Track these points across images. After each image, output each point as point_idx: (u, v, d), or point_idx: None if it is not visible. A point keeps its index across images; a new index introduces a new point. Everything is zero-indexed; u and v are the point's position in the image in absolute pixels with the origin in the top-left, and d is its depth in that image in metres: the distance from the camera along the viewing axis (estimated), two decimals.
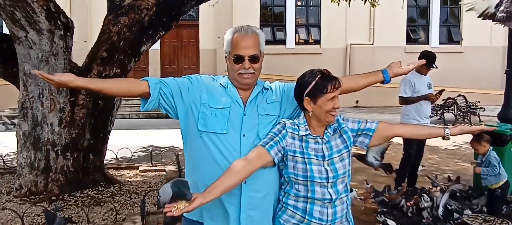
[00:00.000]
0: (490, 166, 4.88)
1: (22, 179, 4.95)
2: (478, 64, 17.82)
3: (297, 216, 2.41)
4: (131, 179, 5.80)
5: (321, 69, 2.37)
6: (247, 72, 2.34)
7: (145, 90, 2.33)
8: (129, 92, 2.46)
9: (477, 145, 4.96)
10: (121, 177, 5.84)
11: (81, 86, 2.43)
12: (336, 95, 2.31)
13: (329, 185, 2.35)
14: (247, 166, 2.23)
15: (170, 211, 2.01)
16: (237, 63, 2.33)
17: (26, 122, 4.95)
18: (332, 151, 2.38)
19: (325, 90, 2.28)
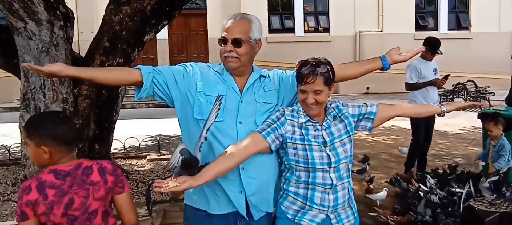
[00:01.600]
0: (502, 150, 4.84)
1: (27, 170, 4.95)
2: (487, 49, 17.89)
3: (298, 203, 2.39)
4: (138, 168, 5.81)
5: (319, 58, 2.34)
6: (230, 55, 2.33)
7: (137, 79, 2.31)
8: (121, 81, 2.48)
9: (493, 127, 5.01)
10: (129, 167, 5.86)
11: (71, 75, 2.41)
12: (307, 90, 2.27)
13: (331, 170, 2.33)
14: (241, 151, 2.21)
15: (159, 187, 2.01)
16: (220, 44, 2.34)
17: (28, 113, 4.92)
18: (333, 136, 2.37)
19: (300, 81, 2.29)
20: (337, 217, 2.42)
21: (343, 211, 2.44)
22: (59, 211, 2.11)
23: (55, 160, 2.16)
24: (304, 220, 2.39)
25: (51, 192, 2.10)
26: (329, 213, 2.39)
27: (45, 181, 2.11)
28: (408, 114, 2.93)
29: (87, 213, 2.19)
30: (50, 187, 2.10)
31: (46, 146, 2.12)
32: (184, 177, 2.08)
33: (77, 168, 2.20)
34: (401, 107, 2.78)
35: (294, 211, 2.41)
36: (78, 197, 2.15)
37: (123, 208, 2.34)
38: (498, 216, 3.15)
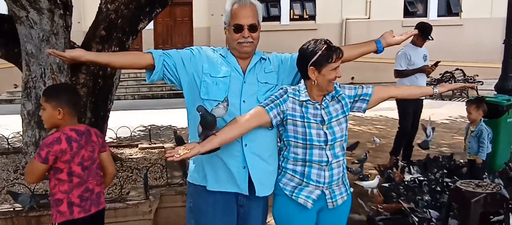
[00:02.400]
0: (481, 136, 5.00)
1: (28, 157, 5.10)
2: (478, 36, 17.49)
3: (295, 179, 2.59)
4: (131, 156, 5.97)
5: (325, 39, 2.54)
6: (246, 41, 2.50)
7: (150, 63, 2.50)
8: (135, 64, 2.63)
9: (474, 110, 5.06)
10: (122, 155, 6.00)
11: (91, 60, 2.59)
12: (338, 65, 2.49)
13: (327, 148, 2.53)
14: (244, 123, 2.40)
15: (172, 156, 2.21)
16: (236, 32, 2.49)
17: (29, 101, 5.07)
18: (331, 115, 2.56)
19: (330, 60, 2.46)
20: (331, 193, 2.62)
21: (337, 187, 2.64)
22: (77, 160, 2.72)
23: (66, 122, 2.70)
24: (301, 196, 2.58)
25: (74, 145, 2.69)
26: (324, 189, 2.59)
27: (71, 136, 2.68)
28: (402, 95, 3.06)
29: (94, 164, 2.84)
30: (74, 141, 2.69)
31: (62, 108, 2.66)
32: (193, 144, 2.29)
33: (86, 129, 2.82)
34: (395, 89, 2.96)
35: (291, 188, 2.60)
36: (87, 151, 2.78)
37: (107, 161, 2.98)
38: (484, 197, 3.30)
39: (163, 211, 4.23)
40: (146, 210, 3.96)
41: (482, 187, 3.41)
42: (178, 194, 4.27)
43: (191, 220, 2.72)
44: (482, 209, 3.35)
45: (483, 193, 3.31)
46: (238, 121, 2.41)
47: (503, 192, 3.65)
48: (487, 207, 3.36)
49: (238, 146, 2.49)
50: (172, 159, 2.22)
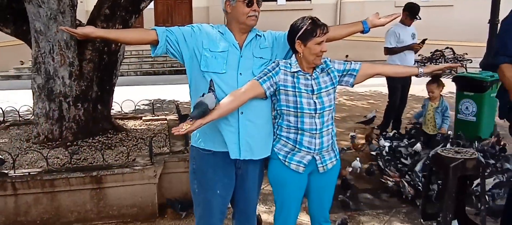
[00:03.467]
0: (446, 111, 5.37)
1: (39, 127, 5.40)
2: (467, 17, 17.76)
3: (289, 145, 2.86)
4: (136, 127, 6.27)
5: (311, 16, 2.77)
6: (254, 15, 2.73)
7: (154, 38, 2.76)
8: (141, 40, 2.87)
9: (435, 88, 5.47)
10: (127, 126, 6.30)
11: (101, 36, 2.85)
12: (323, 40, 2.72)
13: (316, 116, 2.78)
14: (241, 95, 2.66)
15: (178, 130, 2.47)
16: (249, 6, 2.72)
17: (39, 75, 5.35)
18: (320, 86, 2.80)
19: (315, 34, 2.69)
20: (321, 158, 2.89)
21: (327, 153, 2.91)
22: None
23: None
24: (293, 162, 2.86)
25: None
26: (315, 155, 2.86)
27: None
28: (388, 72, 3.25)
29: None
30: None
31: None
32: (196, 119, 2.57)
33: None
34: (381, 67, 3.13)
35: (285, 153, 2.87)
36: None
37: None
38: (462, 162, 3.52)
39: (167, 176, 4.54)
40: (151, 174, 4.27)
41: (460, 153, 3.66)
42: (180, 160, 4.56)
43: (194, 180, 3.02)
44: (460, 173, 3.59)
45: (461, 159, 3.55)
46: (235, 94, 2.67)
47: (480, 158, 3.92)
48: (464, 171, 3.59)
49: (235, 114, 2.76)
50: (178, 133, 2.48)
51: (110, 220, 4.31)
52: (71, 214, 4.24)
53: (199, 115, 2.52)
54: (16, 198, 4.12)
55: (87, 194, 4.23)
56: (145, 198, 4.34)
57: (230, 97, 2.66)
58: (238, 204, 3.12)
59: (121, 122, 6.50)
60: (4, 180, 4.04)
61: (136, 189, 4.29)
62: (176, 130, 2.49)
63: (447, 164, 3.58)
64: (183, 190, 4.65)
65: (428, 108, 5.59)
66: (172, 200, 4.43)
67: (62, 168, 4.35)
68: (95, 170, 4.23)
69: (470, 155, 3.61)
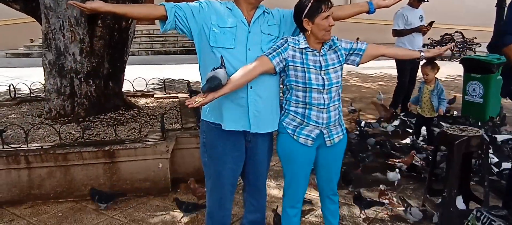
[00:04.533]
0: (442, 94, 5.40)
1: (51, 103, 5.47)
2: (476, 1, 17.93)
3: (297, 120, 2.89)
4: (147, 105, 6.32)
5: None
6: None
7: (162, 14, 2.77)
8: (149, 15, 2.88)
9: (429, 71, 5.46)
10: (138, 103, 6.36)
11: (109, 11, 2.83)
12: (329, 14, 2.75)
13: (324, 92, 2.81)
14: (251, 71, 2.68)
15: (191, 103, 2.50)
16: None
17: (50, 51, 5.39)
18: (328, 63, 2.83)
19: (320, 10, 2.72)
20: (329, 132, 2.93)
21: (334, 127, 2.94)
22: None
23: None
24: (301, 136, 2.89)
25: None
26: (323, 129, 2.89)
27: None
28: (390, 54, 3.25)
29: None
30: None
31: None
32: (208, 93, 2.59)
33: None
34: (385, 48, 3.15)
35: (293, 127, 2.90)
36: None
37: None
38: (466, 139, 3.57)
39: (179, 152, 4.59)
40: (164, 149, 4.32)
41: (465, 131, 3.71)
42: (192, 136, 4.61)
43: (205, 154, 3.06)
44: (465, 150, 3.64)
45: (465, 136, 3.60)
46: (245, 69, 2.69)
47: (484, 136, 3.94)
48: (468, 148, 3.65)
49: (244, 88, 2.78)
50: (192, 106, 2.51)
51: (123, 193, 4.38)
52: (84, 187, 4.31)
53: (212, 88, 2.55)
54: (29, 171, 4.19)
55: (100, 168, 4.29)
56: (157, 173, 4.40)
57: (241, 72, 2.69)
58: (249, 177, 3.16)
59: (133, 99, 6.56)
60: (17, 153, 4.11)
61: (148, 163, 4.35)
62: (189, 102, 2.53)
63: (452, 141, 3.62)
64: (195, 165, 4.71)
65: (424, 91, 5.59)
66: (95, 190, 4.21)
67: (75, 142, 4.42)
68: (107, 144, 4.28)
69: (474, 133, 3.65)
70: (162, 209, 4.18)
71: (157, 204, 4.28)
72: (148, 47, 17.14)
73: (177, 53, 16.64)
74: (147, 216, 4.02)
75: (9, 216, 4.03)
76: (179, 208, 3.93)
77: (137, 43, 16.30)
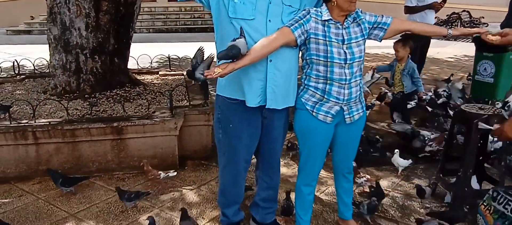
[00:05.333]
0: (414, 73, 5.32)
1: (57, 79, 5.38)
2: None
3: (317, 95, 2.81)
4: (153, 82, 6.24)
5: None
6: None
7: None
8: None
9: (400, 47, 5.37)
10: (144, 80, 6.27)
11: None
12: None
13: (346, 66, 2.71)
14: (272, 42, 2.59)
15: (210, 74, 2.42)
16: None
17: (55, 26, 5.29)
18: (351, 36, 2.73)
19: None
20: (349, 109, 2.85)
21: (354, 104, 2.87)
22: None
23: None
24: (321, 112, 2.81)
25: None
26: (343, 105, 2.81)
27: None
28: (417, 30, 3.08)
29: None
30: None
31: None
32: (226, 64, 2.50)
33: None
34: (411, 24, 3.08)
35: (312, 103, 2.82)
36: None
37: None
38: (485, 118, 3.45)
39: (187, 129, 4.53)
40: (172, 126, 4.26)
41: (484, 110, 3.61)
42: (200, 113, 4.54)
43: (219, 130, 3.00)
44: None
45: (485, 114, 3.51)
46: (266, 40, 2.60)
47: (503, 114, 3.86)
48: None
49: (263, 61, 2.70)
50: (211, 77, 2.44)
51: (131, 170, 4.33)
52: (92, 163, 4.26)
53: (229, 56, 2.46)
54: (37, 147, 4.13)
55: (108, 144, 4.23)
56: (165, 150, 4.34)
57: (262, 43, 2.60)
58: (263, 153, 3.11)
59: (138, 76, 6.47)
60: (25, 129, 4.04)
61: (156, 140, 4.29)
62: (208, 73, 2.45)
63: (470, 119, 3.53)
64: (202, 143, 4.66)
65: (396, 69, 5.51)
66: (54, 171, 4.01)
67: (82, 119, 4.35)
68: (115, 121, 4.22)
69: (493, 111, 3.56)
70: (170, 186, 4.14)
71: (165, 181, 4.24)
72: (149, 25, 16.98)
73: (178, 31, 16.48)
74: (155, 193, 3.98)
75: (17, 192, 3.99)
76: (120, 198, 3.69)
77: (138, 21, 15.97)
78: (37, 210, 3.68)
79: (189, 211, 3.64)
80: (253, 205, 3.39)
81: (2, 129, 4.02)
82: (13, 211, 3.67)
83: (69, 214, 3.63)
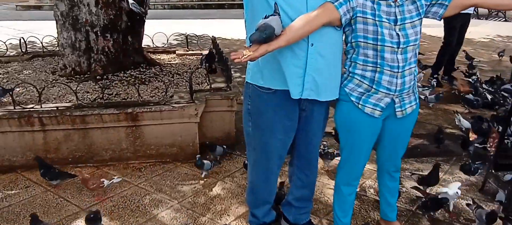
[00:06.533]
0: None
1: (66, 59, 5.00)
2: None
3: (364, 85, 2.39)
4: (170, 62, 5.84)
5: None
6: None
7: None
8: None
9: None
10: (160, 60, 5.88)
11: None
12: None
13: (399, 51, 2.29)
14: (313, 20, 2.17)
15: (237, 57, 2.02)
16: None
17: (62, 2, 4.89)
18: (404, 15, 2.31)
19: None
20: (401, 101, 2.44)
21: (407, 96, 2.45)
22: None
23: None
24: (368, 105, 2.40)
25: None
26: (394, 97, 2.40)
27: None
28: (486, 4, 2.62)
29: None
30: None
31: None
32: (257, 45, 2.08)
33: None
34: None
35: (359, 94, 2.41)
36: None
37: None
38: None
39: (207, 115, 4.13)
40: (192, 113, 3.87)
41: None
42: (223, 98, 4.14)
43: (249, 122, 2.60)
44: None
45: None
46: (305, 18, 2.18)
47: None
48: None
49: (303, 45, 2.28)
50: (239, 60, 2.03)
51: (148, 159, 3.97)
52: (105, 152, 3.91)
53: (263, 38, 2.05)
54: (44, 134, 3.78)
55: (122, 131, 3.87)
56: (185, 138, 3.97)
57: (301, 21, 2.18)
58: (299, 148, 2.72)
59: (153, 55, 6.08)
60: (31, 115, 3.68)
61: (175, 127, 3.91)
62: (235, 56, 2.04)
63: None
64: (224, 130, 4.28)
65: None
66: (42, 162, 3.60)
67: (93, 103, 3.97)
68: (130, 106, 3.83)
69: None
70: (191, 177, 3.78)
71: (185, 171, 3.87)
72: (164, 1, 16.62)
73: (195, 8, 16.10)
74: (175, 185, 3.63)
75: (24, 182, 3.66)
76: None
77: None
78: (45, 204, 3.34)
79: (212, 206, 3.29)
80: (285, 204, 3.01)
81: (5, 114, 3.65)
82: (19, 204, 3.33)
83: (80, 209, 3.28)
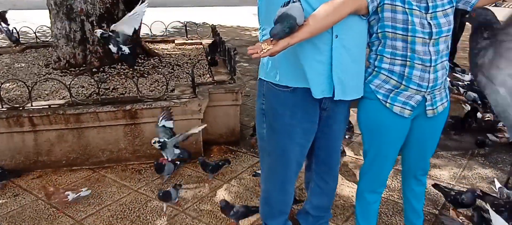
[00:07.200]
0: None
1: (60, 51, 4.69)
2: None
3: (392, 82, 2.10)
4: (169, 52, 5.53)
5: None
6: None
7: None
8: None
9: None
10: (158, 51, 5.57)
11: None
12: None
13: (431, 43, 2.01)
14: (338, 8, 1.89)
15: (255, 52, 1.75)
16: None
17: None
18: (436, 3, 2.03)
19: None
20: (432, 99, 2.18)
21: (439, 93, 2.19)
22: None
23: None
24: (396, 104, 2.14)
25: None
26: (426, 95, 2.14)
27: None
28: None
29: None
30: None
31: None
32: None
33: None
34: None
35: (386, 91, 2.14)
36: None
37: None
38: None
39: (211, 109, 3.85)
40: (195, 108, 3.58)
41: None
42: (227, 92, 3.86)
43: (263, 124, 2.32)
44: None
45: None
46: (330, 6, 1.89)
47: None
48: None
49: (327, 37, 2.00)
50: (257, 56, 1.76)
51: (148, 159, 3.70)
52: (102, 153, 3.63)
53: (285, 31, 1.76)
54: (35, 135, 3.49)
55: (120, 130, 3.59)
56: None
57: (325, 10, 1.89)
58: (319, 153, 2.44)
59: (152, 45, 5.77)
60: (20, 114, 3.38)
61: (177, 125, 3.60)
62: (253, 50, 1.76)
63: None
64: (229, 125, 4.01)
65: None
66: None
67: (89, 100, 3.67)
68: (128, 103, 3.55)
69: None
70: (195, 179, 3.51)
71: (188, 173, 3.60)
72: None
73: None
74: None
75: (13, 190, 3.36)
76: None
77: None
78: (35, 215, 3.04)
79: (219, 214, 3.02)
80: (301, 213, 2.74)
81: None
82: (6, 217, 3.03)
83: (75, 220, 2.99)
